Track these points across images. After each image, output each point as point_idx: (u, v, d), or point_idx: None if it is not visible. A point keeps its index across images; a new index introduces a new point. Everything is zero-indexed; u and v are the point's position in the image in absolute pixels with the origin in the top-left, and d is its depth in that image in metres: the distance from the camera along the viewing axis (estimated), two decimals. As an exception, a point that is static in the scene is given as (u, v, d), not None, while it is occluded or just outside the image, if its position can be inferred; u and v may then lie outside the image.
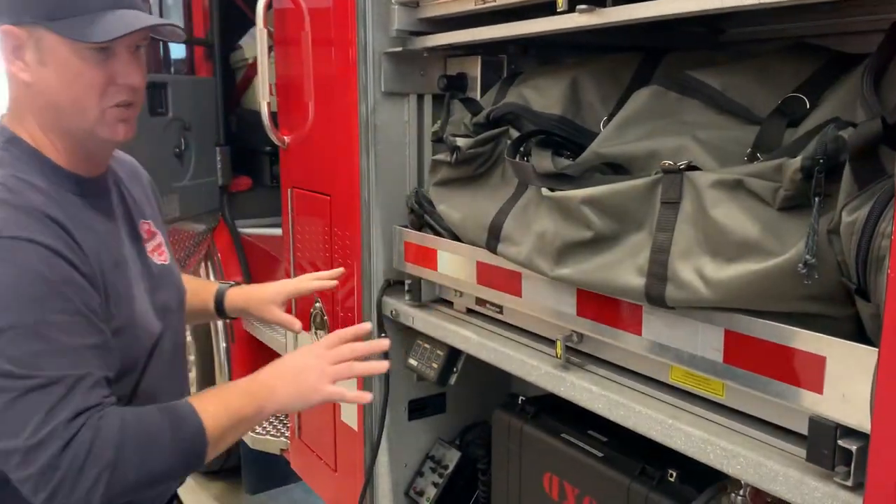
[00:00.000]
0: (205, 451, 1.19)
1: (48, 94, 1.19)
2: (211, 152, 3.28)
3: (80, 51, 1.16)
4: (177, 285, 1.48)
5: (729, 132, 1.30)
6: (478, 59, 1.92)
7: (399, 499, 2.25)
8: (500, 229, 1.56)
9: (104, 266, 1.21)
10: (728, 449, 1.15)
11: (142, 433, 1.13)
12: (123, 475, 1.09)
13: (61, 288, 1.10)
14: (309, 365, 1.30)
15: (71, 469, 1.05)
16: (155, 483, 1.16)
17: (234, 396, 1.26)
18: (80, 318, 1.12)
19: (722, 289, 1.10)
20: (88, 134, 1.23)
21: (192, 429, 1.17)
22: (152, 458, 1.13)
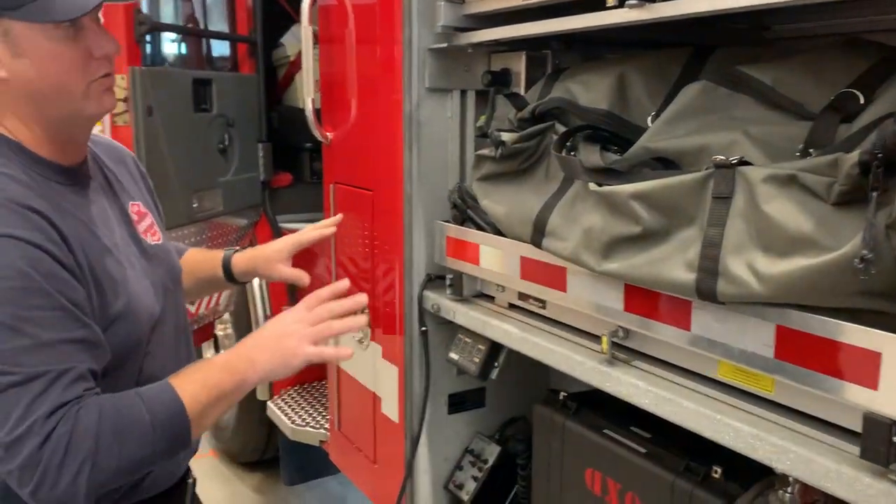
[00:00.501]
0: (188, 431, 1.19)
1: (28, 84, 1.18)
2: (253, 148, 3.34)
3: (50, 32, 1.15)
4: (172, 264, 1.49)
5: (780, 128, 1.29)
6: (522, 55, 1.92)
7: (438, 492, 2.27)
8: (545, 224, 1.56)
9: (91, 254, 1.21)
10: (778, 445, 1.15)
11: (120, 421, 1.13)
12: (106, 464, 1.10)
13: (42, 284, 1.10)
14: (288, 330, 1.30)
15: (51, 463, 1.06)
16: (141, 467, 1.17)
17: (214, 372, 1.25)
18: (62, 313, 1.12)
19: (774, 284, 1.09)
20: (75, 114, 1.23)
21: (172, 411, 1.17)
22: (133, 444, 1.13)
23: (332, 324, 1.32)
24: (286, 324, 1.32)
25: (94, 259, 1.21)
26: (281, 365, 1.29)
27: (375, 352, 2.35)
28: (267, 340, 1.30)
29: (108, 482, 1.13)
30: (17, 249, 1.09)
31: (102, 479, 1.11)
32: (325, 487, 3.87)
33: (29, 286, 1.09)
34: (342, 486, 3.88)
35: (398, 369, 2.22)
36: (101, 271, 1.21)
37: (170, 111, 2.77)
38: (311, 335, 1.30)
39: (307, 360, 1.29)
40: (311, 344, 1.29)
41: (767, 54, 1.49)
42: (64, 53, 1.18)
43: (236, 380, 1.25)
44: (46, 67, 1.17)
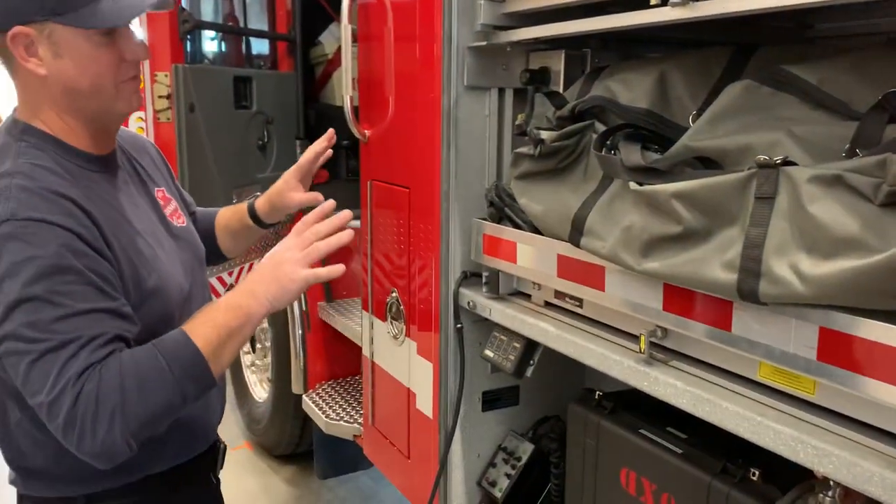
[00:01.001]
0: (208, 370, 1.27)
1: (67, 81, 1.29)
2: (291, 145, 3.38)
3: (91, 37, 1.27)
4: (196, 244, 1.61)
5: (825, 127, 1.27)
6: (561, 54, 1.92)
7: (471, 488, 2.28)
8: (583, 223, 1.56)
9: (122, 236, 1.32)
10: (820, 448, 1.13)
11: (140, 371, 1.21)
12: (134, 412, 1.19)
13: (73, 262, 1.21)
14: (282, 258, 1.36)
15: (86, 419, 1.17)
16: (171, 411, 1.26)
17: (221, 313, 1.32)
18: (92, 288, 1.22)
19: (818, 285, 1.08)
20: (106, 110, 1.35)
21: (188, 354, 1.25)
22: (157, 390, 1.22)
23: (318, 245, 1.37)
24: (279, 253, 1.37)
25: (125, 240, 1.33)
26: (280, 291, 1.34)
27: (410, 348, 2.37)
28: (264, 272, 1.36)
29: (142, 428, 1.22)
30: (51, 232, 1.21)
31: (135, 426, 1.20)
32: (357, 482, 3.91)
33: (62, 264, 1.20)
34: (374, 481, 3.91)
35: (433, 365, 2.24)
36: (132, 251, 1.33)
37: (211, 108, 2.82)
38: (303, 259, 1.35)
39: (305, 283, 1.35)
40: (305, 267, 1.35)
41: (811, 53, 1.47)
42: (101, 56, 1.30)
43: (241, 314, 1.32)
44: (84, 68, 1.29)
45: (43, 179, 1.26)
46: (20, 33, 1.25)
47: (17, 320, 1.18)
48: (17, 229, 1.19)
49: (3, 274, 1.19)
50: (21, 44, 1.26)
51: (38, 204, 1.22)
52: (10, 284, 1.18)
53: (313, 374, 3.48)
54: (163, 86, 2.62)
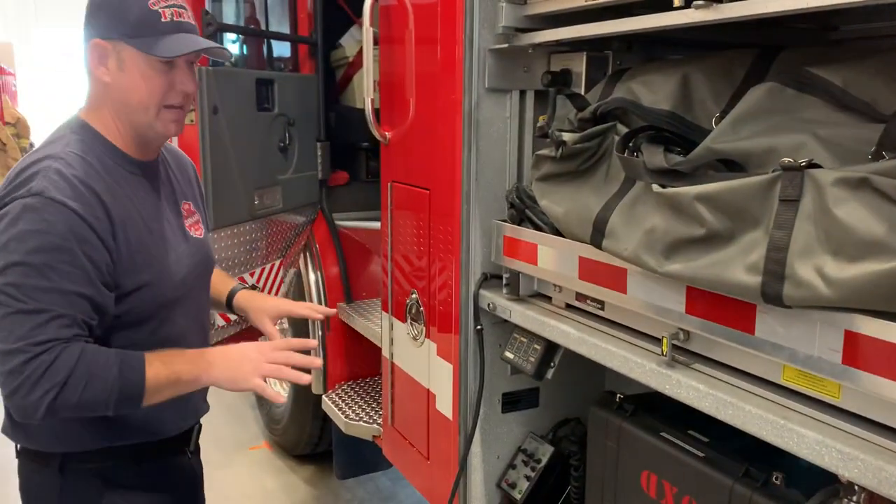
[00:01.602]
0: (141, 396, 1.44)
1: (122, 92, 1.51)
2: (312, 147, 3.40)
3: (152, 62, 1.49)
4: (208, 256, 1.78)
5: (851, 130, 1.26)
6: (583, 56, 1.92)
7: (491, 490, 2.29)
8: (605, 224, 1.56)
9: (132, 231, 1.50)
10: (845, 452, 1.13)
11: (93, 367, 1.39)
12: (68, 396, 1.37)
13: (73, 245, 1.39)
14: (250, 357, 1.53)
15: (29, 379, 1.34)
16: (93, 410, 1.43)
17: (180, 361, 1.50)
18: (82, 271, 1.40)
19: (844, 288, 1.08)
20: (148, 126, 1.54)
21: (135, 376, 1.43)
22: (95, 389, 1.39)
23: (282, 369, 1.54)
24: (251, 350, 1.55)
25: (134, 235, 1.51)
26: (230, 381, 1.53)
27: (430, 349, 2.38)
28: (231, 356, 1.54)
29: (63, 411, 1.39)
30: (65, 215, 1.39)
31: (60, 407, 1.37)
32: (375, 482, 3.92)
33: (63, 245, 1.38)
34: (392, 482, 3.92)
35: (453, 367, 2.24)
36: (137, 245, 1.51)
37: (234, 110, 2.84)
38: (264, 370, 1.53)
39: (252, 389, 1.52)
40: (260, 377, 1.52)
41: (836, 55, 1.46)
42: (154, 79, 1.50)
43: (193, 375, 1.51)
44: (138, 85, 1.50)
45: (78, 169, 1.45)
46: (97, 44, 1.49)
47: (8, 278, 1.36)
48: (40, 204, 1.38)
49: (13, 236, 1.37)
50: (96, 53, 1.50)
51: (64, 188, 1.40)
52: (16, 246, 1.37)
53: (333, 374, 3.49)
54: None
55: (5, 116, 10.02)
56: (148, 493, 1.66)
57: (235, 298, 1.87)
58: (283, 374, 1.54)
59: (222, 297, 1.88)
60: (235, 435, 4.47)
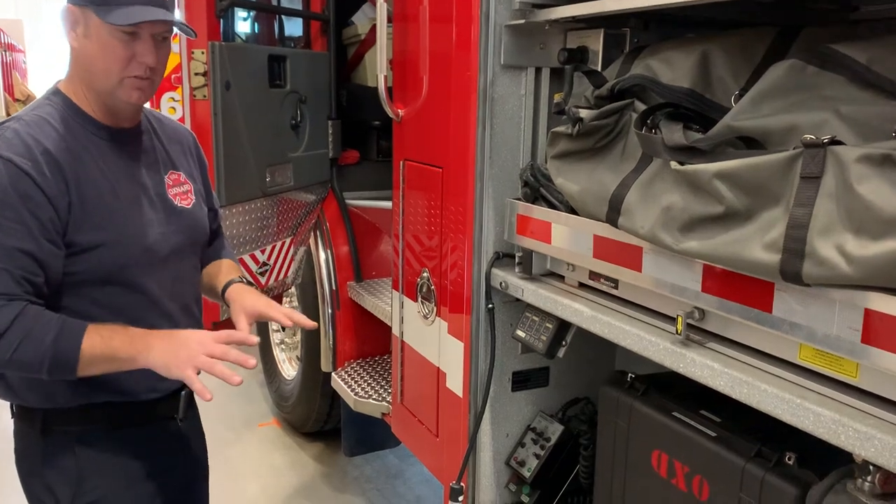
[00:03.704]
0: (75, 366, 1.46)
1: (87, 59, 1.55)
2: (323, 125, 3.39)
3: (113, 31, 1.51)
4: (194, 227, 1.77)
5: (875, 107, 1.25)
6: (600, 33, 1.90)
7: (500, 468, 2.30)
8: (621, 202, 1.55)
9: (92, 190, 1.53)
10: (862, 431, 1.12)
11: (30, 328, 1.42)
12: (1, 351, 1.40)
13: (16, 200, 1.43)
14: (189, 346, 1.51)
15: None
16: (25, 370, 1.48)
17: (120, 338, 1.50)
18: (24, 227, 1.43)
19: (866, 266, 1.07)
20: (109, 94, 1.57)
21: (70, 345, 1.45)
22: (28, 350, 1.42)
23: (216, 364, 1.50)
24: (192, 340, 1.53)
25: (92, 193, 1.53)
26: (164, 367, 1.50)
27: (441, 327, 2.38)
28: (171, 341, 1.52)
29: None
30: (8, 170, 1.44)
31: None
32: (383, 460, 3.95)
33: (5, 199, 1.43)
34: (400, 459, 3.95)
35: (464, 345, 2.25)
36: (95, 203, 1.53)
37: (246, 86, 2.84)
38: (199, 362, 1.50)
39: (183, 378, 1.50)
40: (193, 369, 1.49)
41: (859, 33, 1.44)
42: (115, 49, 1.53)
43: (130, 353, 1.50)
44: (99, 52, 1.53)
45: (37, 128, 1.50)
46: (70, 10, 1.54)
47: None
48: None
49: None
50: (69, 19, 1.55)
51: (17, 146, 1.46)
52: None
53: (342, 352, 3.51)
54: (199, 63, 2.64)
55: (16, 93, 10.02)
56: (126, 458, 1.67)
57: (228, 290, 1.85)
58: (215, 369, 1.49)
59: (219, 288, 1.87)
60: (244, 412, 4.50)
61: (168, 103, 6.27)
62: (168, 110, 6.25)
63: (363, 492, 3.72)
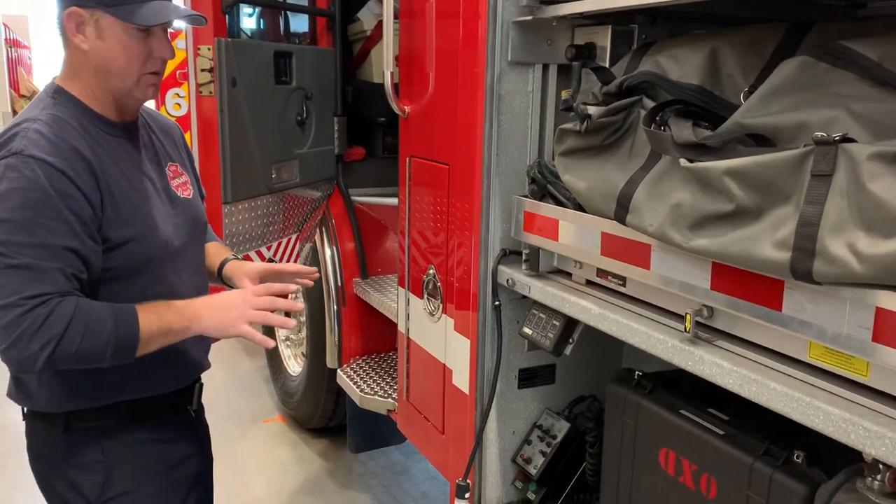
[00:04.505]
0: (136, 347, 1.49)
1: (102, 60, 1.54)
2: (329, 122, 3.39)
3: (129, 30, 1.52)
4: (197, 216, 1.81)
5: (886, 105, 1.24)
6: (608, 29, 1.89)
7: (506, 465, 2.30)
8: (629, 199, 1.55)
9: (115, 187, 1.54)
10: (873, 430, 1.12)
11: (89, 319, 1.43)
12: (67, 347, 1.41)
13: (56, 199, 1.43)
14: (236, 304, 1.59)
15: (26, 332, 1.38)
16: (90, 362, 1.47)
17: (170, 312, 1.55)
18: (67, 225, 1.44)
19: (877, 265, 1.06)
20: (127, 93, 1.59)
21: (129, 327, 1.48)
22: (92, 341, 1.43)
23: (268, 315, 1.60)
24: (237, 298, 1.61)
25: (117, 191, 1.55)
26: (219, 329, 1.58)
27: (447, 324, 2.38)
28: (217, 305, 1.60)
29: (62, 363, 1.44)
30: (45, 171, 1.43)
31: (58, 359, 1.42)
32: (388, 457, 3.95)
33: (45, 200, 1.42)
34: (405, 456, 3.96)
35: (470, 342, 2.25)
36: (121, 199, 1.55)
37: (252, 83, 2.83)
38: (250, 316, 1.58)
39: (240, 335, 1.58)
40: (247, 323, 1.57)
41: (871, 30, 1.43)
42: (133, 47, 1.54)
43: (183, 325, 1.55)
44: (117, 53, 1.54)
45: (58, 128, 1.49)
46: (74, 13, 1.51)
47: None
48: (20, 162, 1.43)
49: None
50: (73, 21, 1.52)
51: (45, 146, 1.45)
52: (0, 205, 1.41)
53: (347, 348, 3.51)
54: (205, 59, 2.64)
55: (21, 89, 10.04)
56: (150, 449, 1.70)
57: (224, 267, 1.89)
58: (269, 319, 1.59)
59: (214, 267, 1.90)
60: (250, 408, 4.51)
61: (173, 99, 6.28)
62: (173, 107, 6.26)
63: (368, 488, 3.72)
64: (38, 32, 13.03)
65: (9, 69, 10.07)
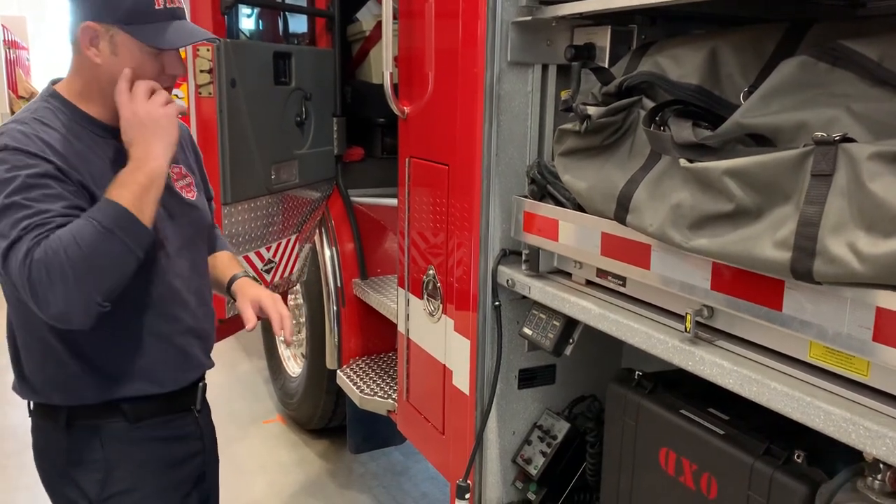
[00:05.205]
0: (136, 220, 1.45)
1: (112, 75, 1.53)
2: (328, 122, 3.39)
3: (144, 48, 1.53)
4: (198, 217, 1.79)
5: (886, 105, 1.24)
6: (607, 29, 1.89)
7: (506, 465, 2.30)
8: (629, 200, 1.55)
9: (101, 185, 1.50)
10: (873, 430, 1.12)
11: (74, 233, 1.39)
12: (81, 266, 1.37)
13: (49, 180, 1.43)
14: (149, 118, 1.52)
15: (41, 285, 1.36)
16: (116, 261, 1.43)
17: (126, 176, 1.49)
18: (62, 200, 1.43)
19: (878, 264, 1.06)
20: None
21: (112, 210, 1.43)
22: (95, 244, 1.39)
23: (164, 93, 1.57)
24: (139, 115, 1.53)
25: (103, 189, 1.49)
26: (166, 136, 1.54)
27: (447, 325, 2.38)
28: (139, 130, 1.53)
29: (96, 284, 1.40)
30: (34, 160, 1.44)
31: (89, 286, 1.39)
32: (388, 457, 3.95)
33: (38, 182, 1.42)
34: (405, 457, 3.95)
35: (470, 343, 2.25)
36: None
37: (251, 83, 2.83)
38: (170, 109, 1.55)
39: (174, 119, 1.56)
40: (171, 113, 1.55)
41: (871, 29, 1.43)
42: (146, 64, 1.55)
43: (144, 169, 1.50)
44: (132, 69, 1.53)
45: (40, 131, 1.49)
46: (89, 27, 1.51)
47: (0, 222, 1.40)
48: (8, 156, 1.43)
49: None
50: (88, 35, 1.51)
51: (27, 142, 1.46)
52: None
53: (347, 349, 3.51)
54: (205, 60, 2.63)
55: (19, 90, 10.03)
56: (151, 448, 1.70)
57: (234, 284, 1.88)
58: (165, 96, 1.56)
59: (224, 280, 1.90)
60: (250, 409, 4.51)
61: (172, 100, 6.26)
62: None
63: (368, 489, 3.72)
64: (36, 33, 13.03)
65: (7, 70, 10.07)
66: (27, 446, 1.72)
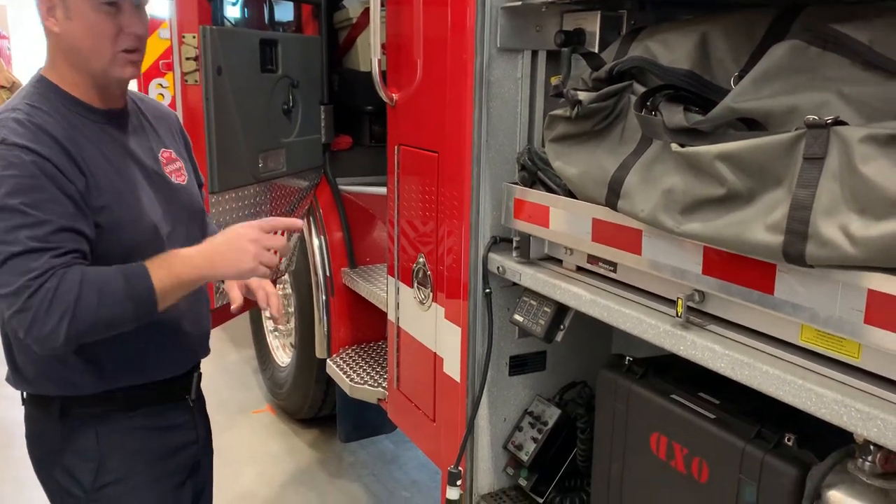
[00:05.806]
0: (155, 301, 1.48)
1: (73, 41, 1.52)
2: (315, 110, 3.36)
3: (97, 7, 1.50)
4: (190, 202, 1.79)
5: (878, 88, 1.24)
6: (597, 15, 1.88)
7: (498, 452, 2.30)
8: (620, 185, 1.55)
9: (99, 171, 1.53)
10: (865, 411, 1.13)
11: (99, 283, 1.42)
12: (83, 315, 1.40)
13: (44, 181, 1.43)
14: (244, 245, 1.54)
15: (40, 310, 1.37)
16: (112, 325, 1.46)
17: (178, 263, 1.52)
18: (60, 205, 1.44)
19: (870, 247, 1.07)
20: (104, 73, 1.56)
21: (143, 285, 1.46)
22: (108, 304, 1.42)
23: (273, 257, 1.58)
24: (242, 237, 1.55)
25: (101, 176, 1.53)
26: (236, 273, 1.57)
27: (438, 313, 2.38)
28: (228, 249, 1.55)
29: (85, 331, 1.42)
30: (28, 155, 1.43)
31: (81, 328, 1.41)
32: (378, 446, 3.96)
33: (35, 183, 1.43)
34: (395, 445, 3.96)
35: (461, 330, 2.24)
36: (105, 185, 1.54)
37: (238, 71, 2.80)
38: (259, 254, 1.54)
39: (256, 275, 1.57)
40: (258, 262, 1.54)
41: (862, 13, 1.43)
42: (102, 24, 1.51)
43: (196, 274, 1.53)
44: (87, 32, 1.52)
45: (36, 117, 1.49)
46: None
47: None
48: (5, 151, 1.43)
49: None
50: (45, 4, 1.52)
51: (24, 133, 1.45)
52: None
53: (337, 338, 3.50)
54: (190, 47, 2.60)
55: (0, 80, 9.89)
56: (146, 436, 1.70)
57: None
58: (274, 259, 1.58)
59: None
60: (238, 399, 4.49)
61: (156, 90, 6.19)
62: (156, 97, 6.18)
63: (359, 477, 3.73)
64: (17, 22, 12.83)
65: (-13, 60, 9.91)
66: (13, 439, 1.71)
